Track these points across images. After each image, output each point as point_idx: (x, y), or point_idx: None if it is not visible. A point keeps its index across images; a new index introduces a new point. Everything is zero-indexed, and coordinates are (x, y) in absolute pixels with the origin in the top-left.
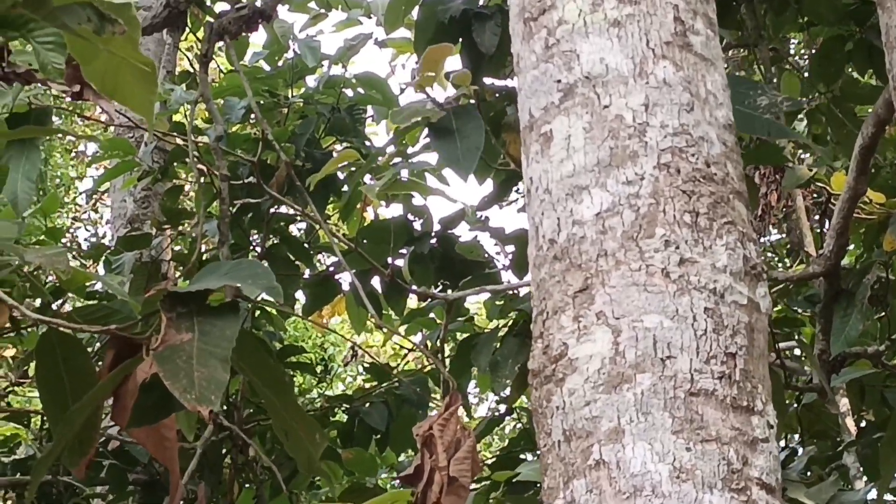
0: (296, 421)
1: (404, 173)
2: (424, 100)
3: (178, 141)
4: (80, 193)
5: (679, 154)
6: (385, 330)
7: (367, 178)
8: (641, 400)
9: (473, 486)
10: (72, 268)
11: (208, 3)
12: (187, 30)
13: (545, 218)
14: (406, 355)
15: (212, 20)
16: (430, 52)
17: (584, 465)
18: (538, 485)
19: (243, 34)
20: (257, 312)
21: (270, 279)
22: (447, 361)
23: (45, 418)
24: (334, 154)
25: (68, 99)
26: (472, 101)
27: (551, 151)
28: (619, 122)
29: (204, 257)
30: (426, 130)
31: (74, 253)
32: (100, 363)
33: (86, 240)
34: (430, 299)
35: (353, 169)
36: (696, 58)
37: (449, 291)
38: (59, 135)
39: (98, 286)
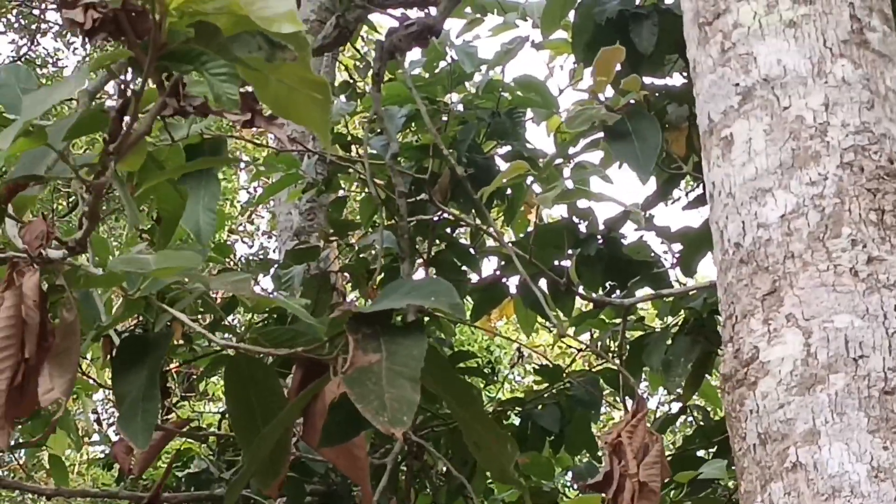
0: (487, 433)
1: (566, 173)
2: (594, 103)
3: (341, 152)
4: (243, 211)
5: (862, 152)
6: (554, 331)
7: (528, 180)
8: (836, 400)
9: None
10: (256, 293)
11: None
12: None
13: (729, 222)
14: (575, 356)
15: (381, 39)
16: (603, 55)
17: (780, 467)
18: (718, 482)
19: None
20: (426, 318)
21: (453, 296)
22: (618, 361)
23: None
24: (496, 158)
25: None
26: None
27: (732, 155)
28: (799, 123)
29: (372, 267)
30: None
31: (241, 267)
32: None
33: (254, 256)
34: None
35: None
36: (874, 55)
37: (617, 292)
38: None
39: None
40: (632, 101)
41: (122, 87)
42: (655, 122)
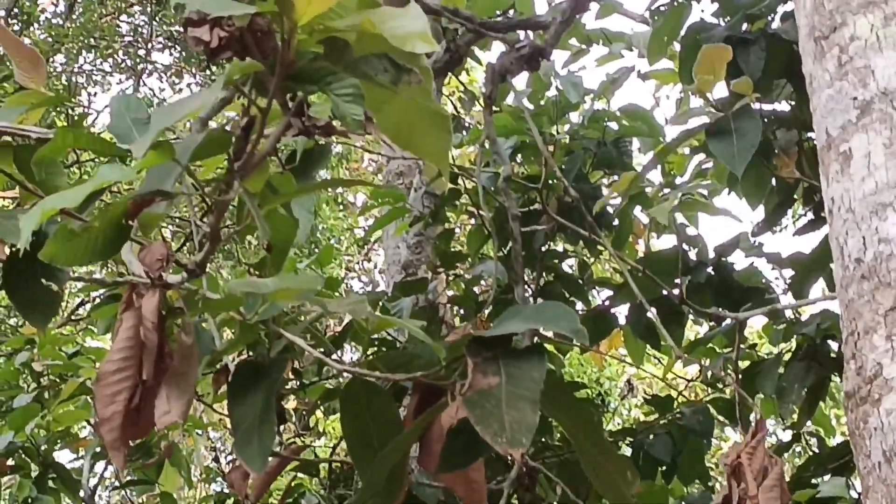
0: (605, 458)
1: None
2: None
3: (449, 185)
4: (353, 244)
5: None
6: (663, 362)
7: (636, 211)
8: None
9: None
10: (374, 315)
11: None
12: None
13: (850, 238)
14: (684, 387)
15: (491, 62)
16: (707, 53)
17: None
18: (837, 501)
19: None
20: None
21: (574, 321)
22: (729, 389)
23: (331, 467)
24: (603, 188)
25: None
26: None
27: (851, 170)
28: None
29: (480, 298)
30: (693, 160)
31: None
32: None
33: (360, 290)
34: (710, 327)
35: (621, 199)
36: None
37: (728, 320)
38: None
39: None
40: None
41: (247, 105)
42: (758, 121)
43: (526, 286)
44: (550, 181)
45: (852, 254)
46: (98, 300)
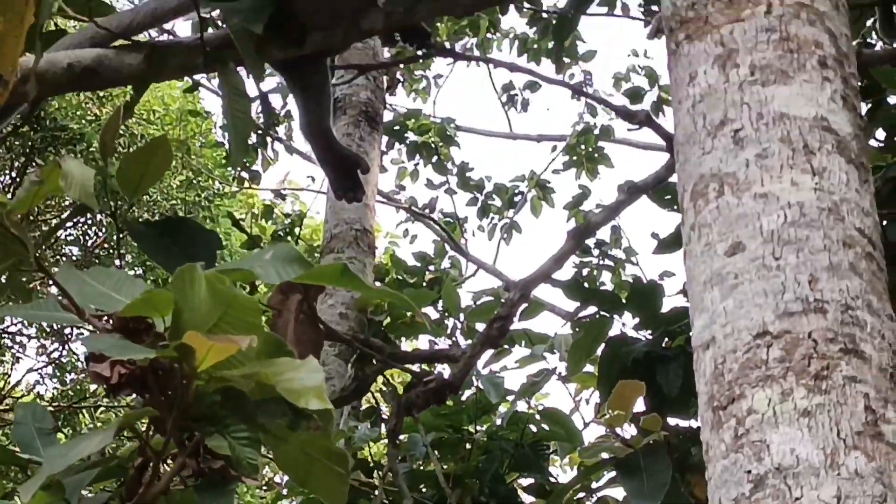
0: None
1: None
2: (612, 438)
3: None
4: None
5: None
6: None
7: None
8: None
9: None
10: None
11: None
12: None
13: None
14: None
15: (399, 397)
16: (621, 388)
17: None
18: None
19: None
20: None
21: None
22: None
23: None
24: (518, 491)
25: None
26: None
27: None
28: None
29: None
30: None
31: None
32: None
33: None
34: None
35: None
36: (888, 447)
37: None
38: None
39: None
40: (651, 441)
41: (143, 445)
42: (668, 461)
43: None
44: (472, 478)
45: None
46: None
